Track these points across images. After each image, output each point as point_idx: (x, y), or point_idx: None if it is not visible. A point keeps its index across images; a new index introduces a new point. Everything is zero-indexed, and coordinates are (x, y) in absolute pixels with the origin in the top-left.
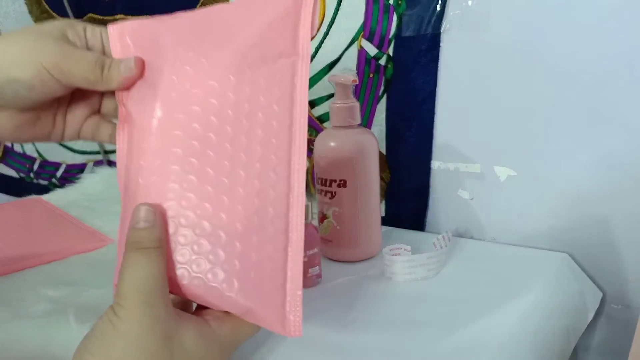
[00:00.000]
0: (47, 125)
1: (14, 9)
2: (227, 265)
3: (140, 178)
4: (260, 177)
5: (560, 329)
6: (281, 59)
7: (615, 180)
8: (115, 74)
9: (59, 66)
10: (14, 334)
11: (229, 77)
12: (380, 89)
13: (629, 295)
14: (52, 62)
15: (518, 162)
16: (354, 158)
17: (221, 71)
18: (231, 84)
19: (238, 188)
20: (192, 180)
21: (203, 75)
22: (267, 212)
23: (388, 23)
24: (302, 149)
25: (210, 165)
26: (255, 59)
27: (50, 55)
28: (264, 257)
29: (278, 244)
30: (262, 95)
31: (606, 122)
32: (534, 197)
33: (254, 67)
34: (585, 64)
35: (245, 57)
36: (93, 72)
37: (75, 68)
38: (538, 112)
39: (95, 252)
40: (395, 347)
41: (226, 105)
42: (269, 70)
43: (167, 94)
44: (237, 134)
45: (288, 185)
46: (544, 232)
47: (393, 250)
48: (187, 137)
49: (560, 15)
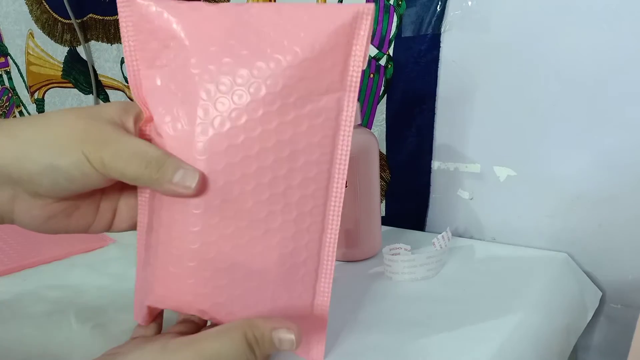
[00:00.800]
0: (87, 216)
1: (14, 9)
2: (261, 305)
3: None
4: (296, 221)
5: (560, 329)
6: (327, 95)
7: (615, 180)
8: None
9: (103, 161)
10: (14, 334)
11: (271, 119)
12: (380, 89)
13: (628, 295)
14: (96, 153)
15: (518, 162)
16: (355, 158)
17: (262, 111)
18: (273, 126)
19: (273, 232)
20: (225, 225)
21: (242, 113)
22: (300, 254)
23: (388, 23)
24: (339, 194)
25: (245, 211)
26: (301, 97)
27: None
28: (295, 295)
29: (308, 283)
30: (304, 138)
31: (606, 122)
32: (534, 197)
33: (299, 106)
34: (585, 64)
35: (290, 94)
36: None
37: (122, 165)
38: (538, 112)
39: (95, 252)
40: (395, 347)
41: (266, 148)
42: (313, 109)
43: (203, 123)
44: (275, 179)
45: (322, 227)
46: (544, 232)
47: (393, 250)
48: (223, 181)
49: (560, 16)
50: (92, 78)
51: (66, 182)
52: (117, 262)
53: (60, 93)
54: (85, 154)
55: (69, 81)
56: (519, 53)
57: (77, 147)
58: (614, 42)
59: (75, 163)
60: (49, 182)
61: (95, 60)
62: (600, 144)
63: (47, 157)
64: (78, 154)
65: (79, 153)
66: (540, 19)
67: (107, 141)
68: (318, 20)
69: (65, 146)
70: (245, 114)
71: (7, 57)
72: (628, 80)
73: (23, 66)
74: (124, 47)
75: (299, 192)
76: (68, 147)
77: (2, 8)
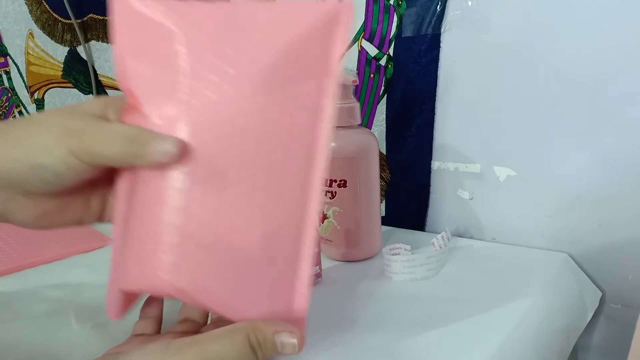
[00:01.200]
0: (78, 210)
1: (13, 9)
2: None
3: None
4: (279, 198)
5: (560, 329)
6: (311, 79)
7: (615, 180)
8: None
9: (85, 149)
10: (14, 334)
11: (257, 97)
12: (380, 89)
13: (628, 295)
14: (79, 144)
15: (518, 162)
16: (355, 158)
17: (249, 89)
18: (258, 105)
19: (256, 209)
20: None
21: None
22: (282, 233)
23: (388, 23)
24: (319, 178)
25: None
26: (286, 78)
27: (77, 135)
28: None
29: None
30: (287, 117)
31: (606, 122)
32: (534, 197)
33: (284, 88)
34: (585, 64)
35: (276, 75)
36: (125, 153)
37: (105, 148)
38: (538, 112)
39: (95, 252)
40: (395, 347)
41: (251, 125)
42: (298, 90)
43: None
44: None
45: (305, 205)
46: (544, 232)
47: (393, 250)
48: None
49: (560, 16)
50: (92, 78)
51: (54, 178)
52: None
53: (60, 93)
54: (68, 147)
55: (69, 81)
56: (519, 53)
57: (60, 142)
58: (614, 42)
59: (60, 158)
60: (38, 181)
61: (96, 60)
62: (600, 144)
63: (32, 157)
64: (61, 149)
65: (62, 148)
66: (540, 19)
67: (88, 130)
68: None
69: (49, 143)
70: (231, 90)
71: (6, 57)
72: (628, 80)
73: (23, 66)
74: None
75: (280, 170)
76: (51, 144)
77: (2, 8)
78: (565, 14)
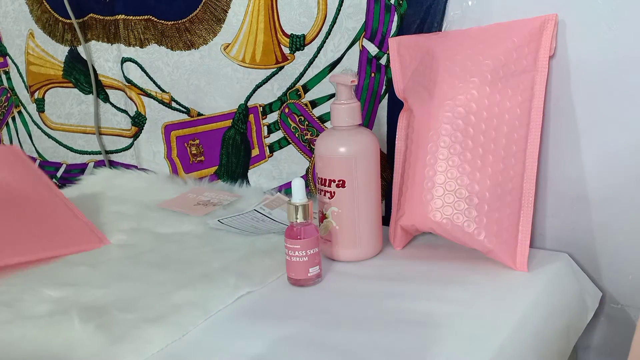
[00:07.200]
0: None
1: (13, 9)
2: (478, 220)
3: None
4: (504, 161)
5: (560, 329)
6: (524, 73)
7: (615, 180)
8: None
9: None
10: (16, 333)
11: (485, 88)
12: (382, 88)
13: (628, 295)
14: None
15: None
16: (354, 158)
17: (479, 82)
18: (486, 93)
19: (488, 167)
20: (455, 160)
21: (466, 86)
22: (507, 185)
23: (389, 23)
24: (535, 142)
25: (468, 150)
26: (505, 74)
27: None
28: (504, 216)
29: (514, 208)
30: (509, 100)
31: (607, 123)
32: (534, 197)
33: (504, 80)
34: (586, 64)
35: (498, 72)
36: None
37: None
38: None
39: (95, 252)
40: (395, 347)
41: (482, 107)
42: (515, 81)
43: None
44: (488, 128)
45: (523, 167)
46: (544, 232)
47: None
48: (453, 129)
49: (561, 15)
50: (92, 78)
51: None
52: (117, 262)
53: (60, 93)
54: None
55: (69, 81)
56: None
57: None
58: (616, 43)
59: None
60: None
61: (96, 60)
62: (600, 144)
63: None
64: None
65: None
66: None
67: None
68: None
69: None
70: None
71: (6, 57)
72: (629, 82)
73: (22, 66)
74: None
75: (505, 140)
76: None
77: (2, 8)
78: (565, 14)
